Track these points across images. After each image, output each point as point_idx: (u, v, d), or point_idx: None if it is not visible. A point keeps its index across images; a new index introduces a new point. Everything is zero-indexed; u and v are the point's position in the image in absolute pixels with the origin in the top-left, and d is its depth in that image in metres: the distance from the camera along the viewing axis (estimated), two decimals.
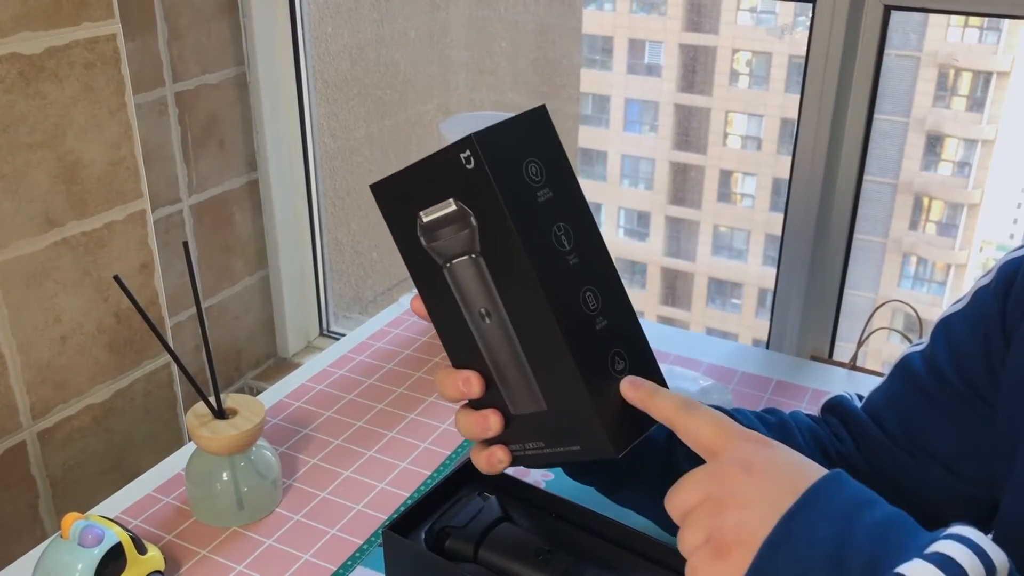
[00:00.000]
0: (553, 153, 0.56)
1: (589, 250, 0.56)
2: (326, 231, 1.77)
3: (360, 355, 1.15)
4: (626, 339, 0.57)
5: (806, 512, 0.46)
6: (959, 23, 3.15)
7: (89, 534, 0.74)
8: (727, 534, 0.48)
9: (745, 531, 0.47)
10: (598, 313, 0.55)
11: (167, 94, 1.42)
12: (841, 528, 0.46)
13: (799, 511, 0.46)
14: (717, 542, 0.48)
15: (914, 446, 0.69)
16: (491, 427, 0.60)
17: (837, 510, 0.46)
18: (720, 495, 0.49)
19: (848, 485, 0.48)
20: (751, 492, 0.48)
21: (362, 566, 0.81)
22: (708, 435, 0.52)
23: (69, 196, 1.10)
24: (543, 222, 0.54)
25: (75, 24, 1.06)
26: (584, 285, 0.55)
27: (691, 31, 4.69)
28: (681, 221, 4.89)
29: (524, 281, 0.54)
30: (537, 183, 0.54)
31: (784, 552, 0.46)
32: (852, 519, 0.46)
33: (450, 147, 0.54)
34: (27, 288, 1.08)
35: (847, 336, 1.30)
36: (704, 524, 0.49)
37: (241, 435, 0.83)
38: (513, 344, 0.57)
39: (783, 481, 0.48)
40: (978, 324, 0.64)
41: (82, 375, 1.16)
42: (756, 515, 0.47)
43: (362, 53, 1.80)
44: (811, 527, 0.46)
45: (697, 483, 0.50)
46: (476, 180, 0.53)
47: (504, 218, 0.53)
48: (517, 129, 0.55)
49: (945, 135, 3.50)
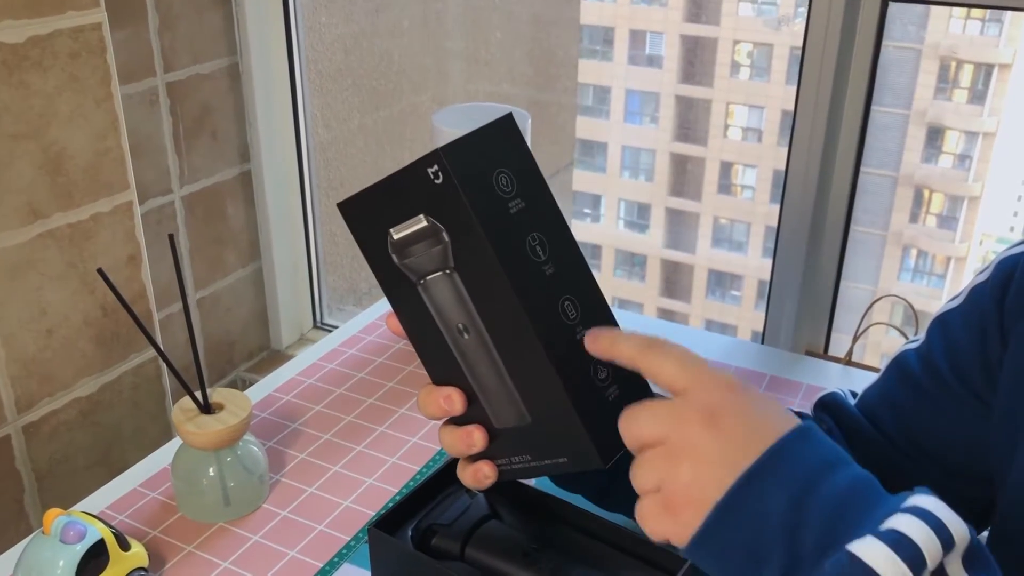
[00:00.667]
0: (523, 162, 0.55)
1: (565, 259, 0.55)
2: (319, 223, 1.76)
3: (351, 348, 1.14)
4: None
5: (762, 477, 0.44)
6: (961, 15, 3.14)
7: (71, 530, 0.73)
8: (678, 490, 0.45)
9: (696, 490, 0.45)
10: (578, 322, 0.54)
11: (158, 84, 1.41)
12: (797, 496, 0.43)
13: (754, 476, 0.44)
14: (668, 496, 0.46)
15: (909, 444, 0.68)
16: (475, 443, 0.59)
17: (796, 475, 0.44)
18: (678, 442, 0.46)
19: (812, 444, 0.45)
20: (709, 447, 0.45)
21: (348, 563, 0.80)
22: (673, 374, 0.49)
23: (54, 187, 1.09)
24: (517, 233, 0.53)
25: (59, 12, 1.05)
26: (562, 295, 0.54)
27: (692, 22, 4.68)
28: (681, 213, 4.89)
29: (501, 294, 0.53)
30: (508, 194, 0.53)
31: (734, 519, 0.44)
32: (810, 486, 0.43)
33: (417, 162, 0.52)
34: (11, 280, 1.07)
35: (847, 329, 1.30)
36: (658, 469, 0.46)
37: (227, 430, 0.82)
38: (493, 358, 0.56)
39: (745, 437, 0.45)
40: (975, 321, 0.63)
41: (68, 368, 1.15)
42: (710, 474, 0.44)
43: (356, 43, 1.79)
44: (765, 494, 0.43)
45: (658, 419, 0.47)
46: (445, 194, 0.52)
47: (476, 231, 0.52)
48: (485, 140, 0.54)
49: (946, 128, 3.49)
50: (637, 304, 4.91)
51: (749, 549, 0.44)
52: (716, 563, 0.45)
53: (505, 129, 0.55)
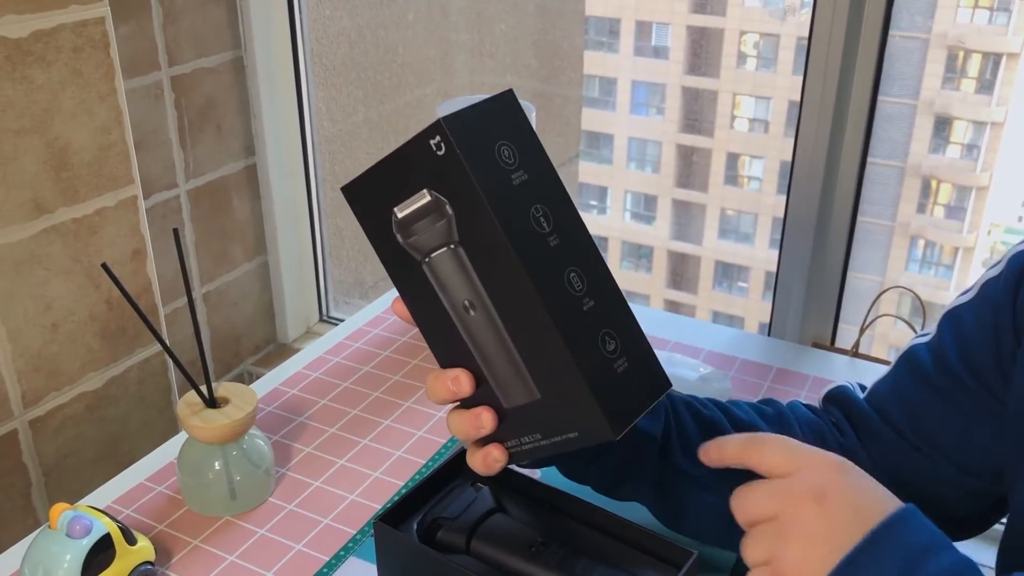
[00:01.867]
0: (525, 136, 0.55)
1: (569, 231, 0.55)
2: (325, 216, 1.76)
3: (357, 342, 1.14)
4: (615, 319, 0.55)
5: (867, 555, 0.46)
6: (968, 4, 3.12)
7: (77, 525, 0.73)
8: (788, 566, 0.47)
9: (805, 567, 0.47)
10: (584, 294, 0.54)
11: (163, 78, 1.40)
12: (908, 567, 0.45)
13: (860, 554, 0.46)
14: (777, 570, 0.48)
15: (920, 439, 0.67)
16: (484, 424, 0.59)
17: (900, 554, 0.45)
18: (788, 520, 0.48)
19: (915, 527, 0.47)
20: (818, 526, 0.47)
21: (355, 556, 0.80)
22: (781, 460, 0.51)
23: (58, 182, 1.09)
24: (520, 204, 0.53)
25: (62, 7, 1.04)
26: (568, 266, 0.54)
27: (698, 12, 4.66)
28: (688, 204, 4.87)
29: (506, 266, 0.52)
30: (511, 165, 0.53)
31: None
32: (915, 567, 0.45)
33: (419, 135, 0.52)
34: (17, 275, 1.07)
35: (854, 320, 1.29)
36: (769, 544, 0.48)
37: (233, 424, 0.82)
38: (500, 334, 0.56)
39: (852, 516, 0.47)
40: (987, 316, 0.63)
41: (74, 363, 1.15)
42: (818, 552, 0.46)
43: (361, 36, 1.78)
44: (873, 571, 0.45)
45: (771, 496, 0.49)
46: (448, 166, 0.52)
47: (480, 202, 0.51)
48: (486, 112, 0.54)
49: (954, 117, 3.47)
50: (644, 296, 4.90)
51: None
52: None
53: (506, 103, 0.55)
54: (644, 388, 0.56)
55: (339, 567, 0.79)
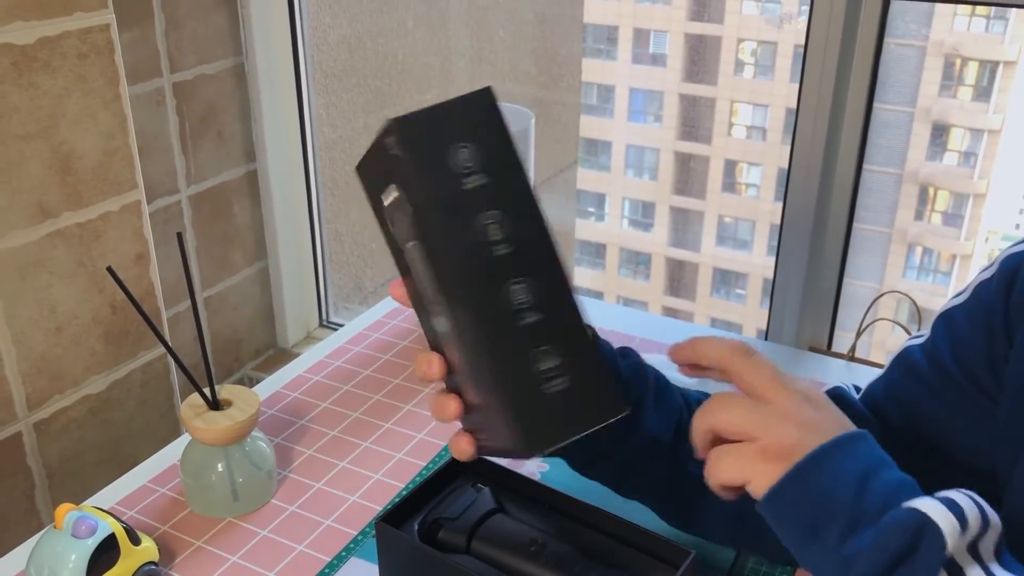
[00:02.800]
0: (495, 137, 0.53)
1: (527, 240, 0.53)
2: (325, 221, 1.77)
3: (357, 346, 1.15)
4: (561, 336, 0.53)
5: (843, 448, 0.52)
6: (965, 12, 3.13)
7: (83, 525, 0.74)
8: (783, 445, 0.52)
9: (799, 450, 0.52)
10: (527, 308, 0.52)
11: (165, 84, 1.42)
12: (865, 472, 0.52)
13: (839, 445, 0.52)
14: (769, 447, 0.52)
15: (914, 439, 0.68)
16: (447, 412, 0.60)
17: (866, 456, 0.53)
18: (786, 409, 0.54)
19: (874, 445, 0.54)
20: (814, 417, 0.54)
21: (356, 557, 0.81)
22: (765, 380, 0.56)
23: (63, 187, 1.10)
24: (468, 210, 0.51)
25: (68, 14, 1.06)
26: (512, 278, 0.52)
27: (696, 20, 4.67)
28: (686, 211, 4.89)
29: (441, 272, 0.52)
30: (467, 169, 0.52)
31: (817, 473, 0.51)
32: (876, 468, 0.52)
33: (380, 130, 0.52)
34: (21, 279, 1.07)
35: (851, 327, 1.30)
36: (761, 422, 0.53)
37: (235, 426, 0.83)
38: (455, 334, 0.55)
39: (835, 421, 0.55)
40: (980, 318, 0.63)
41: (78, 366, 1.16)
42: (811, 439, 0.52)
43: (360, 43, 1.79)
44: (844, 461, 0.52)
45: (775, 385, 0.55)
46: (399, 165, 0.52)
47: (421, 205, 0.51)
48: (454, 111, 0.52)
49: (951, 125, 3.48)
50: (642, 303, 4.90)
51: (819, 505, 0.51)
52: (785, 515, 0.52)
53: (481, 102, 0.53)
54: (585, 411, 0.52)
55: (341, 567, 0.80)
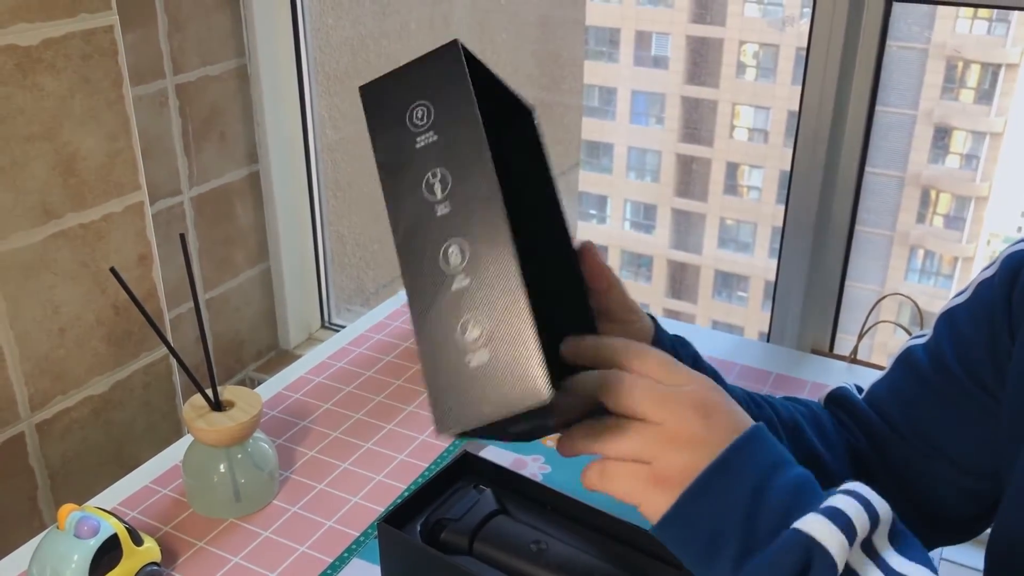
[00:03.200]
0: (455, 94, 0.51)
1: (471, 198, 0.50)
2: (327, 223, 1.77)
3: (359, 347, 1.15)
4: (491, 305, 0.48)
5: (728, 466, 0.49)
6: (967, 15, 3.13)
7: (85, 525, 0.74)
8: (675, 469, 0.49)
9: (687, 474, 0.49)
10: (460, 271, 0.49)
11: (168, 86, 1.42)
12: (756, 486, 0.49)
13: (723, 464, 0.49)
14: (662, 472, 0.50)
15: (918, 438, 0.68)
16: None
17: (754, 468, 0.50)
18: (675, 428, 0.50)
19: (767, 442, 0.51)
20: (703, 438, 0.50)
21: (358, 558, 0.81)
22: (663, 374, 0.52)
23: (67, 188, 1.10)
24: (414, 169, 0.50)
25: (72, 15, 1.06)
26: (449, 238, 0.50)
27: (697, 23, 4.68)
28: (687, 214, 4.89)
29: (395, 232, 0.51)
30: (420, 127, 0.51)
31: (706, 497, 0.49)
32: (767, 477, 0.49)
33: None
34: (25, 280, 1.08)
35: (853, 329, 1.30)
36: (651, 447, 0.50)
37: (238, 427, 0.83)
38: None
39: (728, 433, 0.51)
40: (982, 317, 0.63)
41: (81, 367, 1.16)
42: (702, 461, 0.49)
43: (363, 45, 1.80)
44: (731, 481, 0.49)
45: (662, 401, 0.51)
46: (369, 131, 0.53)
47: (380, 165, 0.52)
48: (418, 70, 0.52)
49: (953, 128, 3.47)
50: (643, 305, 4.90)
51: (710, 532, 0.49)
52: (678, 542, 0.50)
53: (445, 58, 0.51)
54: (503, 390, 0.46)
55: (343, 568, 0.80)
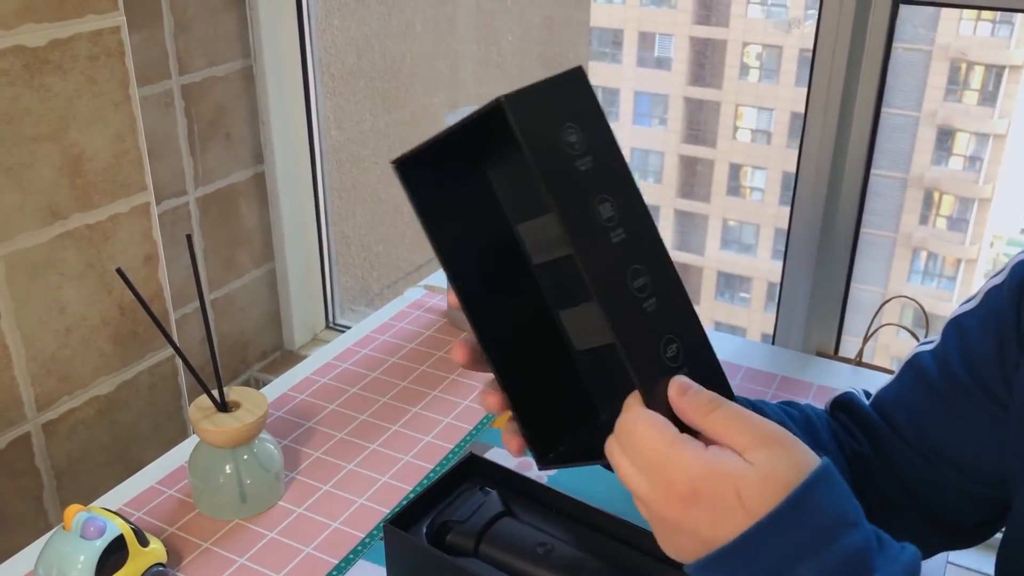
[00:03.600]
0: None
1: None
2: (332, 224, 1.77)
3: (365, 348, 1.15)
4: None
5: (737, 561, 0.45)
6: (971, 17, 3.14)
7: (91, 526, 0.74)
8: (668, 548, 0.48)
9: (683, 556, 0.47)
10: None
11: (173, 86, 1.42)
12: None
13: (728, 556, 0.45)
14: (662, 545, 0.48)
15: (925, 445, 0.68)
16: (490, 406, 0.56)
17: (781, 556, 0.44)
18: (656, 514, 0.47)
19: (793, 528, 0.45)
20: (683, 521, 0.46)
21: (364, 559, 0.81)
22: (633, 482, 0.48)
23: (73, 188, 1.10)
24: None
25: (79, 16, 1.06)
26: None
27: (701, 24, 4.68)
28: (690, 215, 4.89)
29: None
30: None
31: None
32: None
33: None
34: (32, 280, 1.08)
35: (856, 331, 1.30)
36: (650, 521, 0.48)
37: (244, 428, 0.83)
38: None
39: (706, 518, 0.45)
40: (991, 324, 0.63)
41: (86, 367, 1.16)
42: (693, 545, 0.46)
43: (368, 46, 1.80)
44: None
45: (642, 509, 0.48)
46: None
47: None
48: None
49: (956, 129, 3.47)
50: None
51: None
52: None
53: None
54: None
55: (348, 570, 0.80)
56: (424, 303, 1.26)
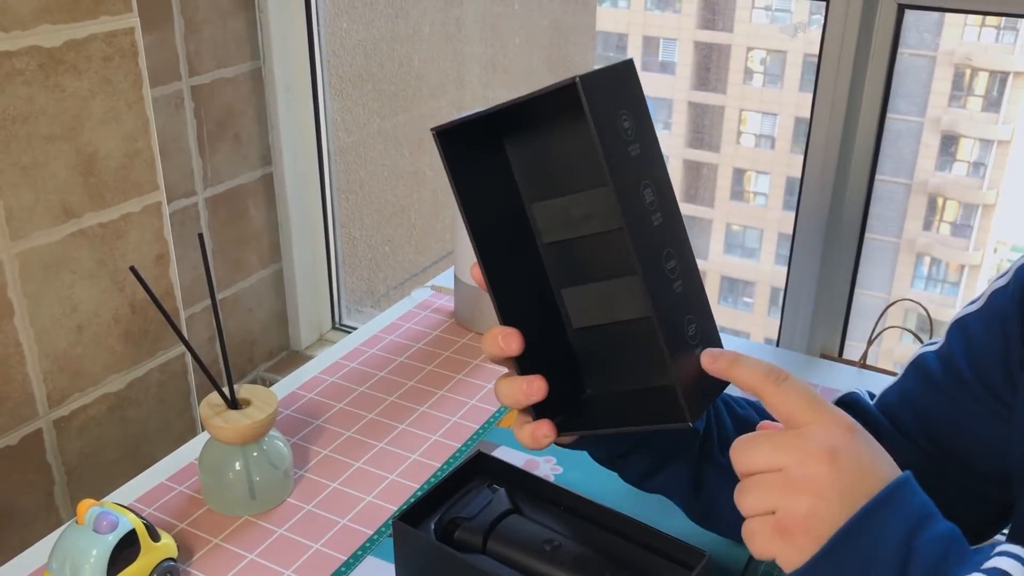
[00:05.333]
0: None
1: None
2: (339, 225, 1.78)
3: (372, 348, 1.16)
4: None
5: (877, 514, 0.48)
6: (976, 23, 3.14)
7: (104, 520, 0.74)
8: (796, 518, 0.48)
9: (815, 521, 0.48)
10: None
11: (183, 88, 1.43)
12: (907, 535, 0.48)
13: (872, 512, 0.48)
14: (784, 522, 0.49)
15: (930, 444, 0.68)
16: (534, 393, 0.57)
17: (905, 517, 0.48)
18: (798, 475, 0.49)
19: (916, 492, 0.50)
20: (830, 483, 0.48)
21: (372, 556, 0.82)
22: (799, 408, 0.52)
23: (86, 188, 1.11)
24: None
25: (94, 17, 1.07)
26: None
27: (706, 29, 4.68)
28: (694, 219, 4.89)
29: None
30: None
31: (850, 549, 0.48)
32: (917, 528, 0.48)
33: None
34: (44, 278, 1.09)
35: (859, 336, 1.30)
36: (773, 496, 0.49)
37: (254, 425, 0.83)
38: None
39: (861, 477, 0.49)
40: (995, 325, 0.64)
41: (98, 364, 1.17)
42: (827, 508, 0.48)
43: (376, 48, 1.81)
44: (880, 530, 0.48)
45: (776, 449, 0.50)
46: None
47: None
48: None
49: (960, 135, 3.48)
50: None
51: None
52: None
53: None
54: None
55: (357, 566, 0.81)
56: (431, 304, 1.27)
